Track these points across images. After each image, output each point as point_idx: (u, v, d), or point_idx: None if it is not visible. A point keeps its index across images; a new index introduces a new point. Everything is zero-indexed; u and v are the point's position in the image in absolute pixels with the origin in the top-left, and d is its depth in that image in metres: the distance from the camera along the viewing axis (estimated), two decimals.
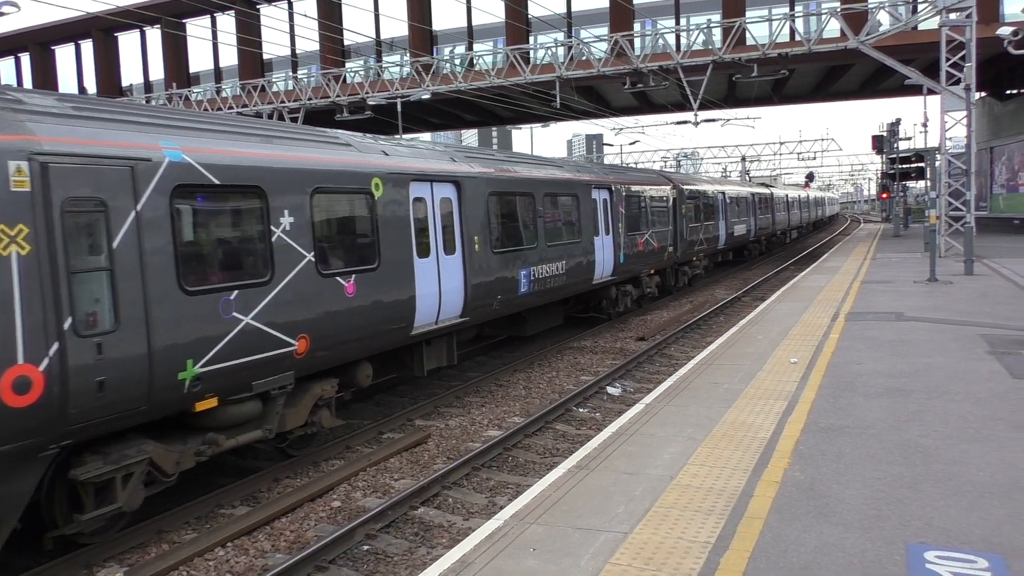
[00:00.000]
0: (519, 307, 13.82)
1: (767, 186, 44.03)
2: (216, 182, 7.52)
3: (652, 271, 21.11)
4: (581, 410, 11.63)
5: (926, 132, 39.82)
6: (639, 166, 68.05)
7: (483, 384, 13.16)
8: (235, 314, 7.56)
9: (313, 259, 8.62)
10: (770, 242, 41.98)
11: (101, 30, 44.59)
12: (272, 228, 8.12)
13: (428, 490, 8.23)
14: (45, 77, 47.16)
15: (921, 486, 6.12)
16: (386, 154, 10.52)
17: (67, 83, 47.36)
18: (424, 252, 10.89)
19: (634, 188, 19.82)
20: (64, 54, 47.75)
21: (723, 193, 29.35)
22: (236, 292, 7.63)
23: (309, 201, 8.65)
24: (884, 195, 55.16)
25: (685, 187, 24.21)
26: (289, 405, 8.66)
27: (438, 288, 11.16)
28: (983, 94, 40.30)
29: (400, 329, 10.29)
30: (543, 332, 17.87)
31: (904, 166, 43.19)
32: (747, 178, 64.82)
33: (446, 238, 11.51)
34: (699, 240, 25.35)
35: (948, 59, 24.58)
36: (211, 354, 7.22)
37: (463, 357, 15.41)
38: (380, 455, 9.44)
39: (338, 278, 9.06)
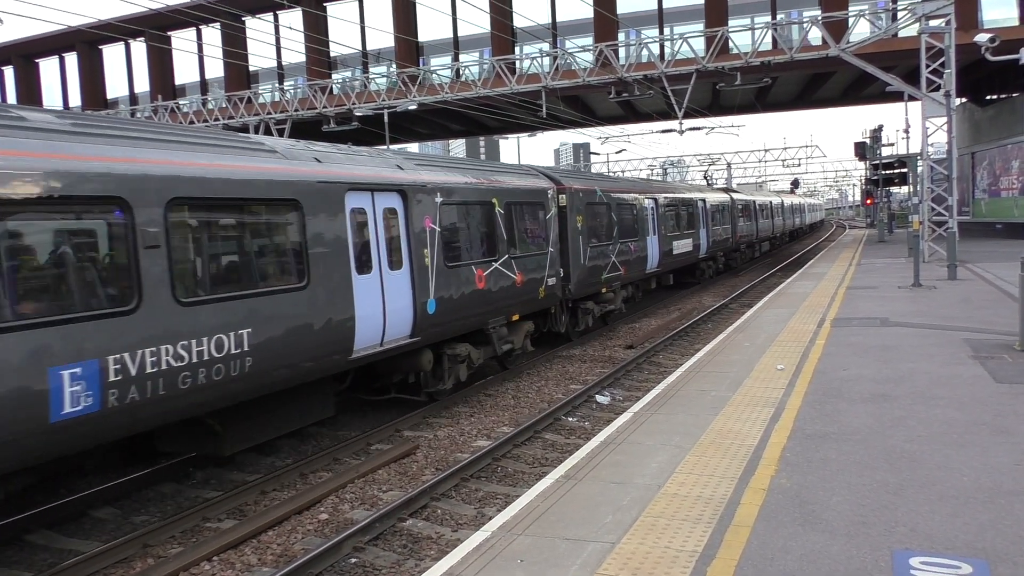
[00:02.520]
0: None
1: (728, 191, 38.14)
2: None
3: (513, 318, 14.19)
4: (570, 419, 11.64)
5: (908, 138, 40.14)
6: (624, 175, 67.88)
7: (471, 394, 13.15)
8: None
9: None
10: (730, 259, 35.76)
11: (85, 43, 44.43)
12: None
13: (416, 502, 8.21)
14: (29, 90, 46.92)
15: (906, 492, 6.16)
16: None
17: (51, 96, 47.15)
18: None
19: (448, 189, 12.18)
20: (48, 67, 47.55)
21: (655, 200, 23.18)
22: None
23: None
24: (868, 201, 55.57)
25: (579, 189, 17.55)
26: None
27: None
28: (963, 100, 40.75)
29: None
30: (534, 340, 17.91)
31: (887, 172, 43.57)
32: (708, 182, 54.63)
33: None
34: (609, 265, 18.80)
35: (928, 66, 24.85)
36: None
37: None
38: (368, 467, 9.41)
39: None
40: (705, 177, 44.86)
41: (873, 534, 5.42)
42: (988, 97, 39.91)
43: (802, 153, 73.71)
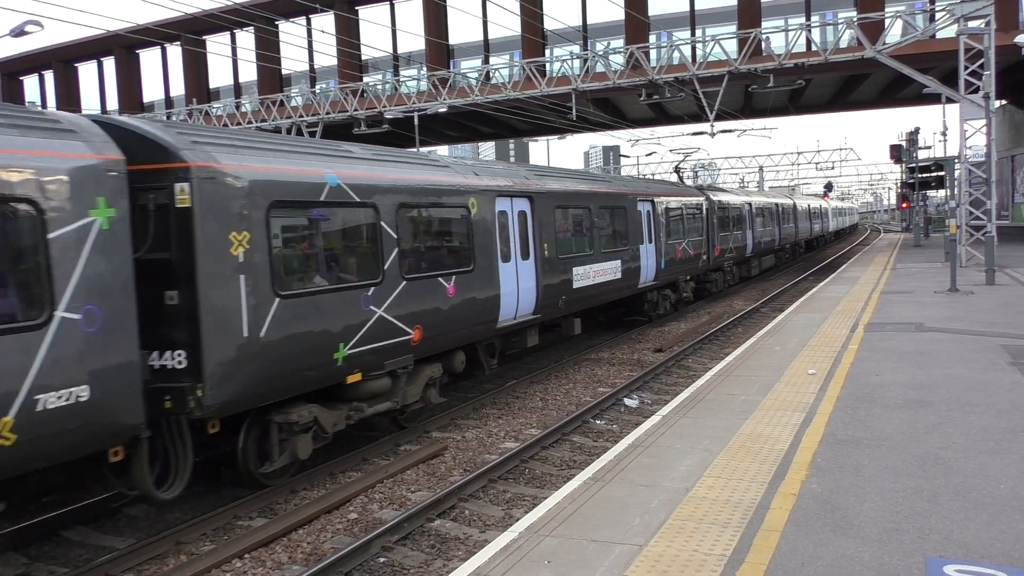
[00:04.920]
0: None
1: (705, 190, 27.21)
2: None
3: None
4: (598, 422, 11.60)
5: (945, 141, 39.60)
6: (657, 177, 67.43)
7: (500, 396, 13.17)
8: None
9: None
10: (706, 281, 25.64)
11: (123, 47, 45.26)
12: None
13: (444, 502, 8.24)
14: (68, 94, 47.89)
15: (940, 499, 6.06)
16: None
17: (90, 100, 48.08)
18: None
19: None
20: (87, 71, 48.50)
21: (524, 200, 14.70)
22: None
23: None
24: (904, 205, 54.71)
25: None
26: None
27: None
28: (1003, 102, 40.01)
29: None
30: (559, 343, 17.91)
31: (923, 175, 42.86)
32: (680, 177, 30.49)
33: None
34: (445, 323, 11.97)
35: (967, 67, 24.43)
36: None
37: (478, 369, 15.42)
38: (397, 467, 9.46)
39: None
40: (676, 171, 30.64)
41: (906, 541, 5.34)
42: None
43: (836, 156, 72.88)
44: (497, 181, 12.97)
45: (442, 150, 59.41)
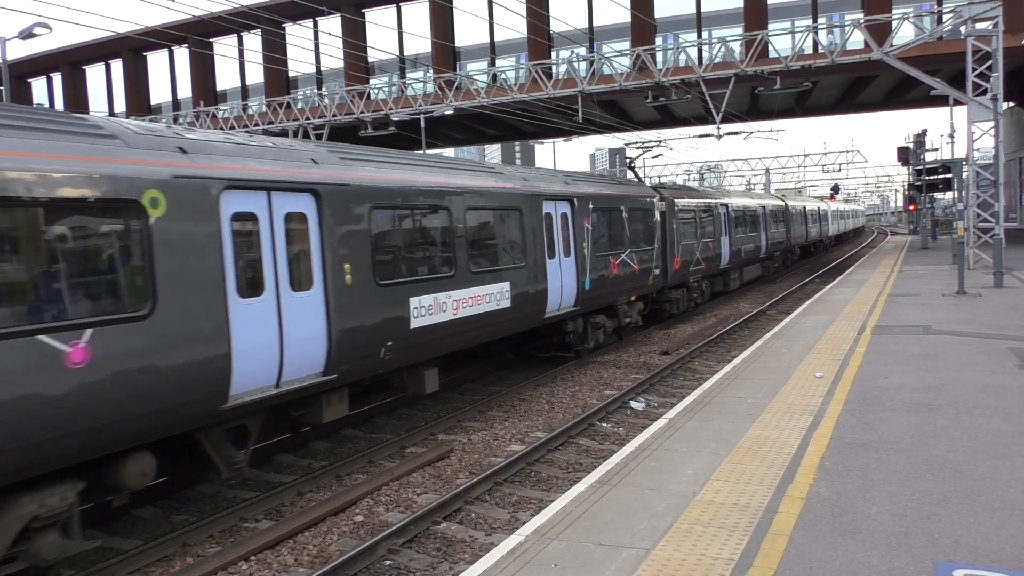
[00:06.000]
0: None
1: (680, 189, 24.08)
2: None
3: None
4: (604, 425, 11.58)
5: (953, 143, 39.38)
6: (661, 180, 67.33)
7: (505, 398, 13.15)
8: None
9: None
10: (664, 302, 20.99)
11: (130, 50, 45.41)
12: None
13: (450, 505, 8.23)
14: (76, 96, 48.07)
15: (949, 503, 6.03)
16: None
17: (97, 102, 48.25)
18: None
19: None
20: (95, 74, 48.68)
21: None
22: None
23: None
24: (911, 207, 54.53)
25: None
26: None
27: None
28: (1011, 104, 39.84)
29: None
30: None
31: (931, 177, 42.73)
32: (636, 174, 23.39)
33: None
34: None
35: (974, 69, 24.33)
36: None
37: (485, 372, 15.41)
38: (403, 469, 9.46)
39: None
40: (631, 166, 24.08)
41: (915, 545, 5.31)
42: None
43: (843, 158, 72.69)
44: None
45: (448, 152, 59.46)
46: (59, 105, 48.33)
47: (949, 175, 39.01)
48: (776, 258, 35.73)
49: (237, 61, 43.10)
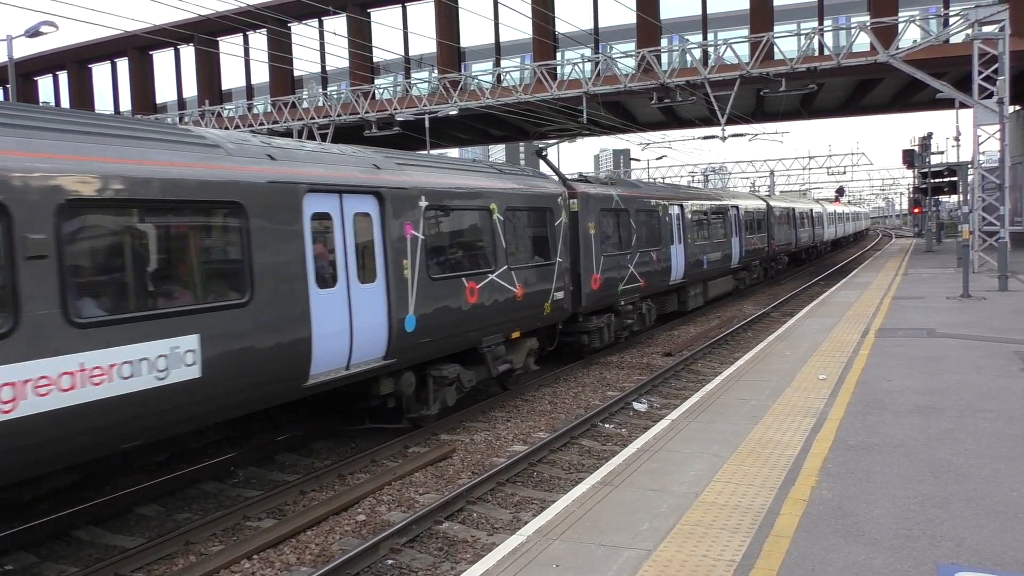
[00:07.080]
0: None
1: (602, 183, 17.75)
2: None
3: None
4: (607, 426, 11.58)
5: (958, 146, 39.31)
6: (666, 181, 67.25)
7: (508, 399, 13.16)
8: None
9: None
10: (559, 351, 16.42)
11: (137, 48, 45.50)
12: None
13: (453, 505, 8.24)
14: (82, 95, 48.19)
15: (952, 506, 6.02)
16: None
17: (103, 101, 48.36)
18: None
19: None
20: (101, 72, 48.79)
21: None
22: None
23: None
24: (916, 210, 54.41)
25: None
26: None
27: None
28: (1017, 108, 39.71)
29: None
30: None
31: (936, 180, 42.65)
32: (556, 172, 15.80)
33: None
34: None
35: (980, 72, 24.28)
36: None
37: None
38: (405, 469, 9.47)
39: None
40: (541, 155, 16.12)
41: (918, 548, 5.30)
42: None
43: (848, 161, 72.55)
44: None
45: (452, 152, 59.48)
46: (64, 103, 48.44)
47: (954, 178, 38.95)
48: (754, 268, 30.57)
49: (243, 60, 43.18)
